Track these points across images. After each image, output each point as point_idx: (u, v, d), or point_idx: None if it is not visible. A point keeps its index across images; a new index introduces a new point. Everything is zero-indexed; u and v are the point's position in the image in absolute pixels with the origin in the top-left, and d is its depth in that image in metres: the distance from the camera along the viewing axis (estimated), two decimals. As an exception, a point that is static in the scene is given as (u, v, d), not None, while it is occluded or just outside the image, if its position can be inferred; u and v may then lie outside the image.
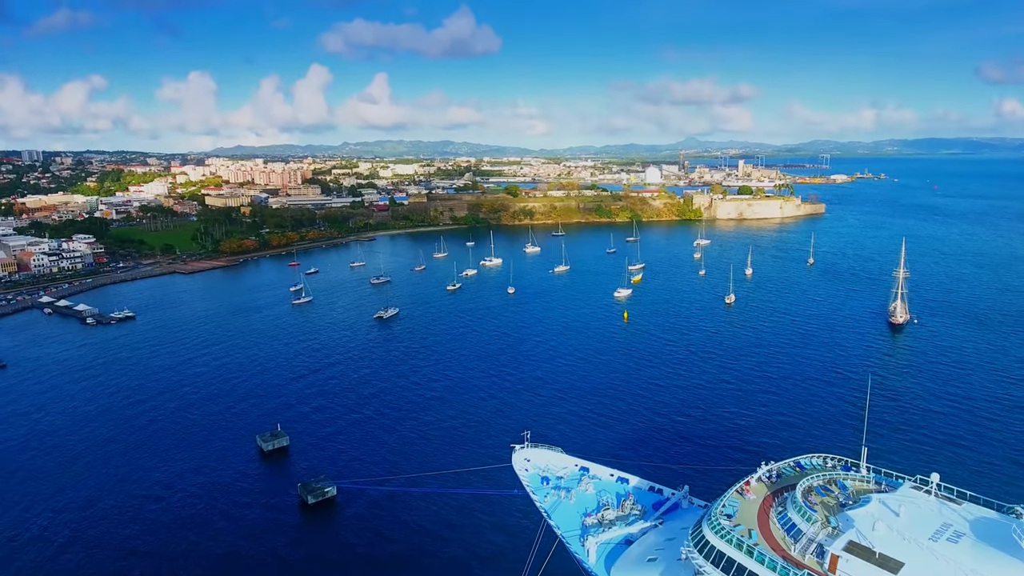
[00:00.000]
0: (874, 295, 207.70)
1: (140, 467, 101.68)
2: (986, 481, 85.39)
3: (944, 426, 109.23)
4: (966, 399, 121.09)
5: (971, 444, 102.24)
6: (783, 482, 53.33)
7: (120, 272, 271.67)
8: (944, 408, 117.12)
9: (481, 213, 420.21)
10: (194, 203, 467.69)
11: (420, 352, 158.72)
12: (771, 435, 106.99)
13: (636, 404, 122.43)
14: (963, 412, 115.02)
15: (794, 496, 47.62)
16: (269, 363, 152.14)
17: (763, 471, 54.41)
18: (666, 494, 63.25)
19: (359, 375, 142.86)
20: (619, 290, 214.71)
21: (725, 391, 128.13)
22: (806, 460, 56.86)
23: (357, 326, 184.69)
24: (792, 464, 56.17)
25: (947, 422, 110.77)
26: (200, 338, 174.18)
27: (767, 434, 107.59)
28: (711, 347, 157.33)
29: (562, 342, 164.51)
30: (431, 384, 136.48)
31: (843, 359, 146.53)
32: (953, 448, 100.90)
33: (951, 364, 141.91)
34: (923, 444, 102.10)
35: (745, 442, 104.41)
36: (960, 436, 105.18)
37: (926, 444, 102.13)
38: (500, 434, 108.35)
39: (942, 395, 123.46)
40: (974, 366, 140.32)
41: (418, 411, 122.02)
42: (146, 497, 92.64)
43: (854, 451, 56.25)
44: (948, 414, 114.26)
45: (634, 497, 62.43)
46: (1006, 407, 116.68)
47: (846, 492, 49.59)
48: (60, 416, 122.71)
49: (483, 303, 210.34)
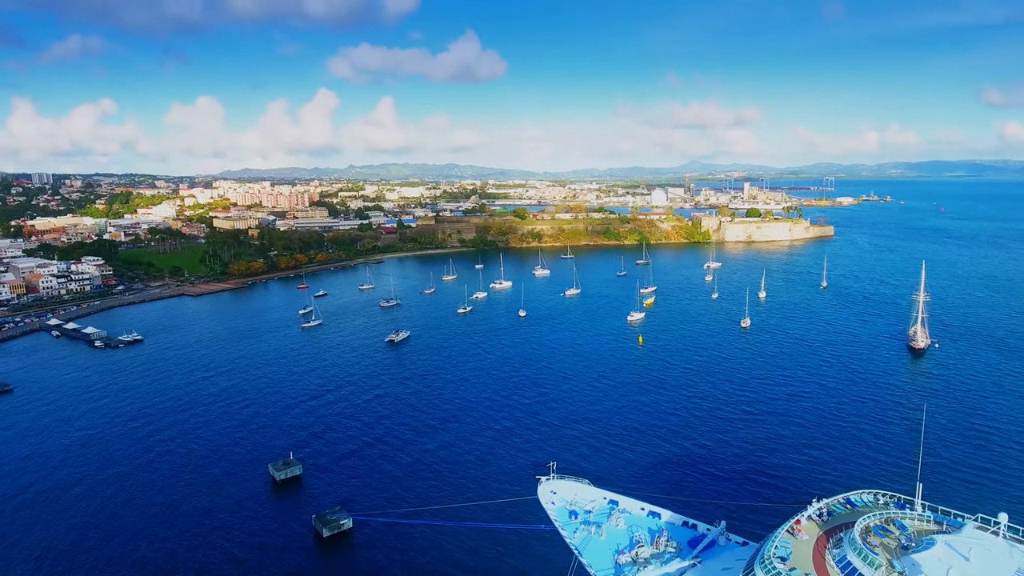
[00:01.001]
0: (891, 319, 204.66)
1: (148, 494, 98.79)
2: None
3: (988, 457, 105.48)
4: (1005, 427, 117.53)
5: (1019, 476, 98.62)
6: (835, 521, 50.43)
7: (128, 294, 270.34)
8: (984, 438, 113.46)
9: (489, 236, 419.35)
10: (202, 225, 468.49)
11: (433, 375, 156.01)
12: (801, 465, 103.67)
13: (658, 431, 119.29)
14: (1008, 442, 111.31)
15: (852, 537, 44.73)
16: (279, 387, 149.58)
17: (813, 509, 51.52)
18: (701, 530, 60.31)
19: (371, 400, 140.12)
20: (632, 313, 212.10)
21: (748, 418, 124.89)
22: (856, 497, 53.96)
23: (368, 350, 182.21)
24: (842, 501, 53.26)
25: (989, 453, 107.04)
26: (209, 361, 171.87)
27: (797, 464, 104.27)
28: (730, 372, 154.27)
29: (576, 366, 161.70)
30: (445, 408, 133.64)
31: (866, 385, 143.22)
32: (1005, 482, 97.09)
33: (980, 391, 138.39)
34: (974, 477, 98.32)
35: (776, 473, 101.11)
36: (1009, 469, 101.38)
37: (977, 477, 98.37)
38: (520, 461, 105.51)
39: (978, 424, 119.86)
40: (1005, 392, 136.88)
41: (434, 436, 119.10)
42: (155, 525, 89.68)
43: (897, 485, 53.56)
44: (988, 445, 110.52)
45: (668, 533, 59.48)
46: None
47: (906, 533, 46.69)
48: (63, 438, 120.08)
49: (495, 326, 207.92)
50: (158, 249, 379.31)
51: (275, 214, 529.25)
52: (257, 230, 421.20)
